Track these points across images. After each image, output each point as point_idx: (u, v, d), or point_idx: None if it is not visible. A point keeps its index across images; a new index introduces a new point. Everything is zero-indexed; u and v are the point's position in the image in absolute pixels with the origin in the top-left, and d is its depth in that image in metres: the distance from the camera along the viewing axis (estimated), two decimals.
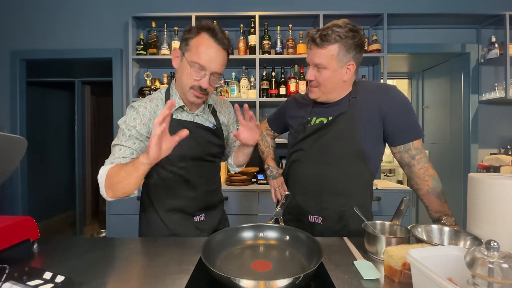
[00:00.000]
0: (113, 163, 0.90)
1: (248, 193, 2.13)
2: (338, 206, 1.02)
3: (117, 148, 0.93)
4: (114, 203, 2.15)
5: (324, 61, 0.95)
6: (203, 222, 1.08)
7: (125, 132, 0.93)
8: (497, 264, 0.44)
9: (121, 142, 0.93)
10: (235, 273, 0.67)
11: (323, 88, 1.00)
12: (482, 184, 0.73)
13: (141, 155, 0.79)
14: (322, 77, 0.98)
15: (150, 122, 0.96)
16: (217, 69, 0.93)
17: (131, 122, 0.94)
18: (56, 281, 0.61)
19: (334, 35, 0.93)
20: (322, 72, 0.97)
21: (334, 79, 0.98)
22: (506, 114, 2.59)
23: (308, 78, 1.01)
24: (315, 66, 0.99)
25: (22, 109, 2.71)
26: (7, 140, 0.89)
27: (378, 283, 0.65)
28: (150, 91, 2.40)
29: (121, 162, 0.90)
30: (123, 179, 0.82)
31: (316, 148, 1.04)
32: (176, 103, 0.99)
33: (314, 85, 1.02)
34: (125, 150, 0.92)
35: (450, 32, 2.59)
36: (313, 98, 1.05)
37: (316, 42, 0.95)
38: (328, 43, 0.94)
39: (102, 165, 0.91)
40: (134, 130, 0.93)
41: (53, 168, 3.90)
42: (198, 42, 0.91)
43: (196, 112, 1.05)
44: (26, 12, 2.66)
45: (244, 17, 2.39)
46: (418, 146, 1.00)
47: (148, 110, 0.97)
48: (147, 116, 0.96)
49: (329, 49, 0.94)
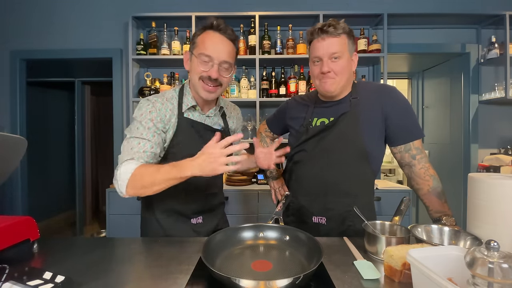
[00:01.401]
0: (134, 158, 0.87)
1: (248, 193, 2.13)
2: (344, 206, 1.02)
3: (134, 141, 0.89)
4: (114, 203, 2.15)
5: (340, 48, 0.97)
6: (200, 225, 1.06)
7: (143, 124, 0.91)
8: (497, 264, 0.44)
9: (140, 135, 0.89)
10: (235, 273, 0.67)
11: (339, 78, 0.99)
12: (482, 184, 0.73)
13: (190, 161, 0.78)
14: (339, 66, 0.98)
15: (165, 119, 0.96)
16: (225, 58, 0.93)
17: (147, 115, 0.92)
18: (56, 281, 0.61)
19: (342, 25, 0.97)
20: (338, 61, 0.98)
21: (348, 69, 1.01)
22: (506, 114, 2.59)
23: (324, 70, 0.98)
24: (330, 56, 0.98)
25: (22, 109, 2.71)
26: (7, 140, 0.89)
27: (378, 283, 0.65)
28: (150, 91, 2.40)
29: (142, 157, 0.87)
30: (159, 183, 0.81)
31: (319, 149, 1.04)
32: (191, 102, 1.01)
33: (331, 76, 0.99)
34: (145, 144, 0.89)
35: (450, 32, 2.59)
36: (329, 90, 1.01)
37: (329, 32, 0.96)
38: (341, 31, 0.97)
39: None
40: (151, 123, 0.92)
41: (53, 168, 3.90)
42: (203, 37, 0.94)
43: (207, 113, 1.05)
44: (26, 12, 2.66)
45: (244, 17, 2.38)
46: (419, 146, 1.01)
47: (164, 107, 0.97)
48: (163, 112, 0.96)
49: (343, 37, 0.97)
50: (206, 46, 0.92)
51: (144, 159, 0.88)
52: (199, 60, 0.93)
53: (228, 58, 0.95)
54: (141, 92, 2.43)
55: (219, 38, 0.94)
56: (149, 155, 0.89)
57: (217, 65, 0.93)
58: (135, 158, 0.87)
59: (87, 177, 3.94)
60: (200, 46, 0.93)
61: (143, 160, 0.88)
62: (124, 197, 0.87)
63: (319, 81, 1.02)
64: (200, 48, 0.93)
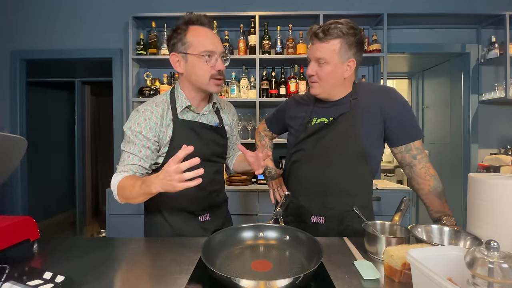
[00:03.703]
0: (124, 170, 0.93)
1: (248, 193, 2.13)
2: (342, 206, 1.02)
3: (125, 154, 0.96)
4: (114, 203, 2.15)
5: (326, 55, 0.96)
6: (208, 222, 1.08)
7: (131, 139, 0.95)
8: (497, 264, 0.44)
9: (129, 150, 0.95)
10: (235, 273, 0.67)
11: (323, 83, 1.00)
12: (482, 184, 0.73)
13: (155, 179, 0.77)
14: (323, 72, 0.98)
15: (156, 127, 0.96)
16: (222, 49, 0.97)
17: (136, 127, 0.95)
18: (56, 281, 0.61)
19: (337, 30, 0.94)
20: (323, 66, 0.98)
21: (335, 75, 0.99)
22: (506, 114, 2.59)
23: (309, 73, 1.01)
24: (316, 61, 0.98)
25: (22, 109, 2.71)
26: (7, 140, 0.89)
27: (378, 283, 0.65)
28: (150, 91, 2.40)
29: (131, 169, 0.94)
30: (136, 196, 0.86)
31: (318, 149, 1.04)
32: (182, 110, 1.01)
33: (314, 80, 1.01)
34: (133, 158, 0.94)
35: (450, 32, 2.59)
36: (314, 93, 1.04)
37: (319, 37, 0.96)
38: (331, 37, 0.95)
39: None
40: (140, 136, 0.94)
41: (53, 168, 3.90)
42: (194, 35, 0.94)
43: (202, 112, 1.05)
44: (26, 12, 2.66)
45: (244, 17, 2.38)
46: (419, 146, 1.01)
47: (154, 114, 0.97)
48: (153, 120, 0.96)
49: (332, 44, 0.95)
50: (204, 42, 0.92)
51: (133, 171, 0.94)
52: (203, 59, 0.93)
53: (223, 48, 0.97)
54: (141, 92, 2.43)
55: (209, 32, 0.96)
56: (137, 168, 0.95)
57: (220, 57, 0.95)
58: (125, 170, 0.94)
59: (87, 177, 3.94)
60: (197, 44, 0.92)
61: (132, 171, 0.94)
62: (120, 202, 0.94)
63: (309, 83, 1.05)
64: (198, 46, 0.92)
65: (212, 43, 0.93)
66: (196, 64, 0.93)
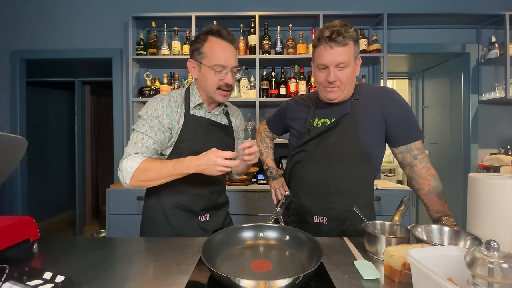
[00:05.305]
0: (138, 152, 0.95)
1: (248, 193, 2.13)
2: (345, 206, 1.02)
3: (139, 136, 0.97)
4: (114, 203, 2.15)
5: (347, 58, 0.95)
6: (207, 222, 1.09)
7: (148, 122, 0.97)
8: (497, 264, 0.45)
9: (145, 132, 0.97)
10: (235, 273, 0.67)
11: (344, 86, 0.99)
12: (482, 184, 0.73)
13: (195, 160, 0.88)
14: (345, 75, 0.97)
15: (172, 114, 1.00)
16: (235, 63, 1.00)
17: (153, 112, 0.98)
18: (56, 281, 0.61)
19: (351, 32, 0.94)
20: (345, 70, 0.97)
21: (353, 76, 1.00)
22: (506, 114, 2.59)
23: (332, 80, 0.96)
24: (337, 66, 0.96)
25: (22, 109, 2.71)
26: (7, 140, 0.89)
27: (378, 283, 0.65)
28: (150, 91, 2.40)
29: (145, 152, 0.96)
30: (164, 177, 0.91)
31: (320, 149, 1.05)
32: None
33: (336, 85, 0.98)
34: (148, 140, 0.96)
35: (450, 32, 2.59)
36: (332, 98, 1.01)
37: (337, 41, 0.92)
38: (349, 39, 0.94)
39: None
40: (156, 121, 0.98)
41: (53, 168, 3.90)
42: (210, 47, 0.98)
43: (213, 111, 1.09)
44: (26, 12, 2.66)
45: (244, 17, 2.38)
46: (420, 147, 1.02)
47: (171, 103, 1.01)
48: (170, 108, 1.00)
49: (350, 46, 0.95)
50: (217, 56, 0.96)
51: (147, 154, 0.96)
52: (214, 71, 0.97)
53: (236, 62, 1.00)
54: (141, 92, 2.43)
55: (226, 46, 0.99)
56: (151, 151, 0.97)
57: (230, 72, 0.98)
58: (139, 152, 0.95)
59: (87, 177, 3.94)
60: (211, 57, 0.97)
61: (146, 154, 0.96)
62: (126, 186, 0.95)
63: (323, 88, 1.02)
64: (211, 58, 0.97)
65: (226, 58, 0.97)
66: (207, 74, 0.98)
